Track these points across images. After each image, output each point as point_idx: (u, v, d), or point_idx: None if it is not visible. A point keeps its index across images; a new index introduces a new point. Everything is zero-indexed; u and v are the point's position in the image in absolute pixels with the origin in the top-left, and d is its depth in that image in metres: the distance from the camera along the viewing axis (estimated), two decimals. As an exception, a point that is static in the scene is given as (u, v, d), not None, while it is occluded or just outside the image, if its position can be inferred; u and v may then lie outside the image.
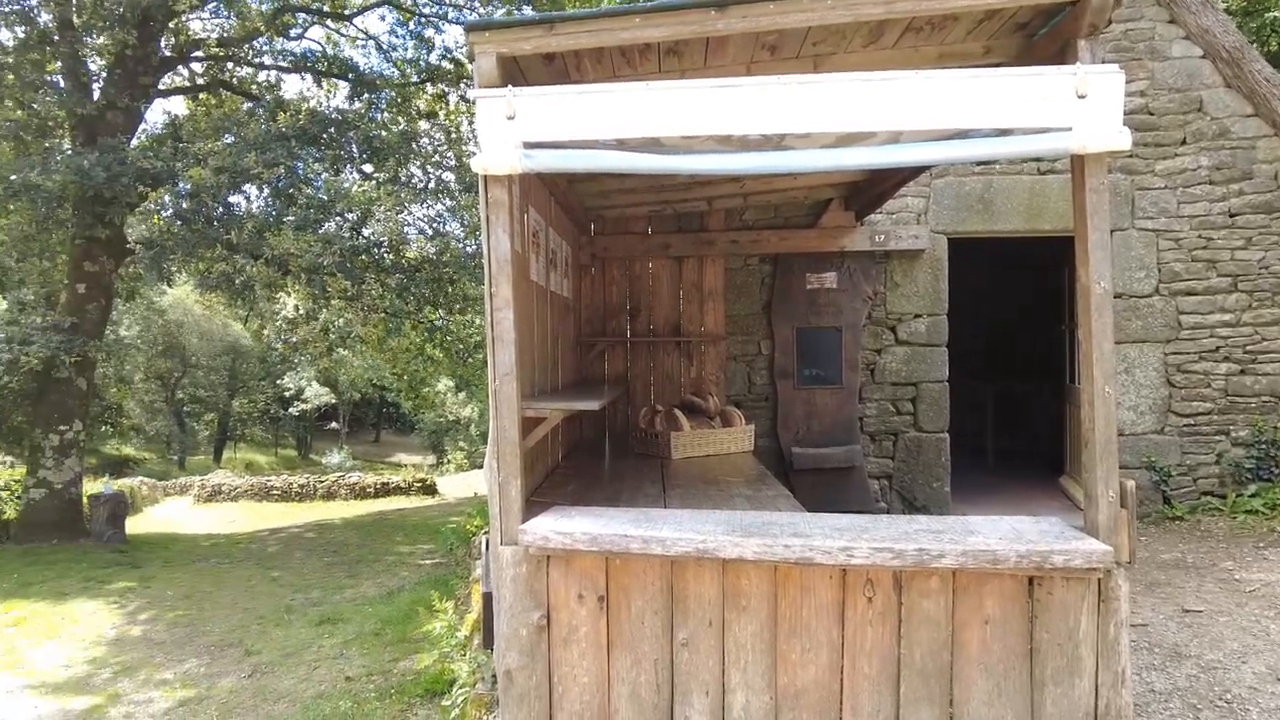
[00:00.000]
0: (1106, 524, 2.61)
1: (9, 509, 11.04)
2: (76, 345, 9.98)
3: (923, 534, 2.66)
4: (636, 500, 3.74)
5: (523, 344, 3.77)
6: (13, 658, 5.71)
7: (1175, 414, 6.77)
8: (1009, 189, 6.78)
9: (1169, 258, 6.72)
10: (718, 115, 2.67)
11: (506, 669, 2.87)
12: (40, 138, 10.13)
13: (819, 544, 2.54)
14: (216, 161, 8.79)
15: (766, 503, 3.66)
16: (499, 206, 2.89)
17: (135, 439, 28.04)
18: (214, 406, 31.02)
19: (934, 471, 6.85)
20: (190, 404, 30.68)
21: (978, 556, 2.49)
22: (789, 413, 6.80)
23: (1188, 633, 4.37)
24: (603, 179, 5.10)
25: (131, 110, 10.59)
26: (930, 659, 2.65)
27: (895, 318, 6.88)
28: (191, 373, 29.02)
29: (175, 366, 28.09)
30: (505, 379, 2.90)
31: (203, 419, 32.02)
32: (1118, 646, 2.59)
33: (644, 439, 5.46)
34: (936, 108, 2.56)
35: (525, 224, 3.91)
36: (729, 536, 2.61)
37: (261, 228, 8.86)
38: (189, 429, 31.20)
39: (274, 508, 16.53)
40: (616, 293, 6.76)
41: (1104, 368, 2.63)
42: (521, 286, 3.82)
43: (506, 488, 2.89)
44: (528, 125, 2.78)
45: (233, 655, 5.69)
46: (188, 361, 28.32)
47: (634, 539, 2.64)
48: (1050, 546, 2.51)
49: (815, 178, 5.70)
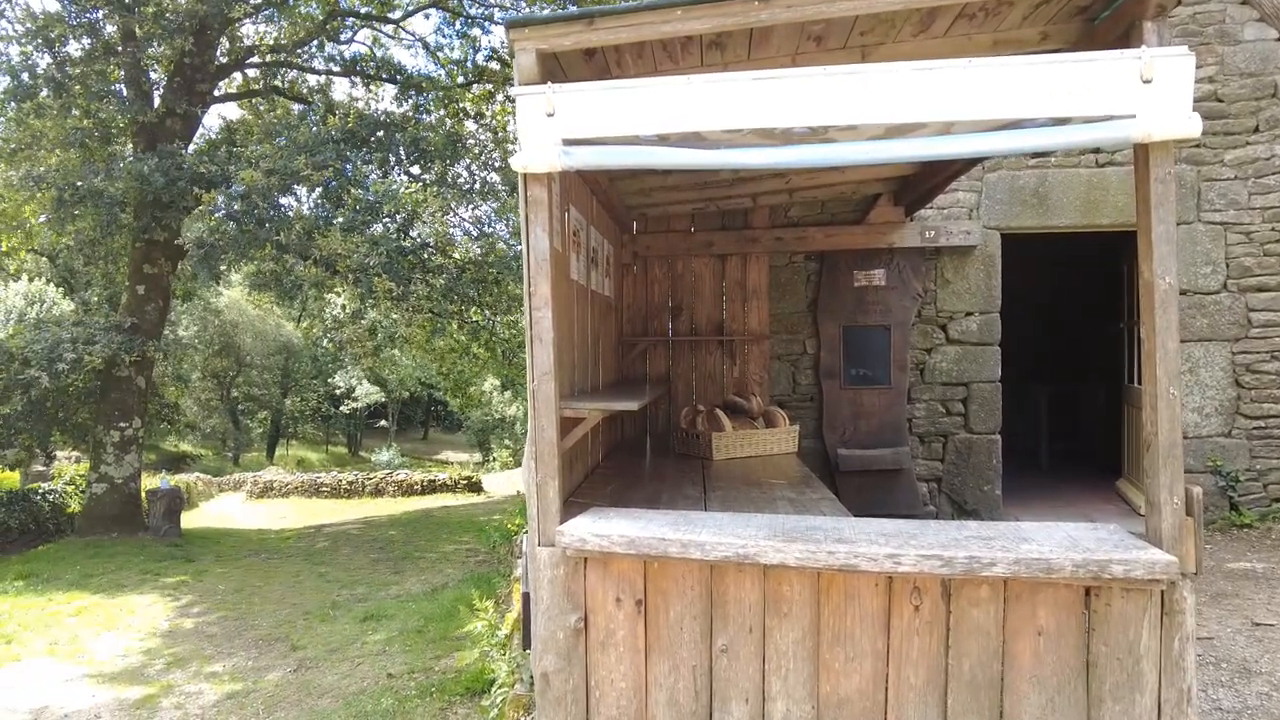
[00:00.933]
0: (1170, 532, 2.47)
1: (74, 503, 11.48)
2: (136, 345, 10.30)
3: (973, 540, 2.55)
4: (676, 502, 3.68)
5: (562, 344, 3.74)
6: (74, 647, 5.88)
7: (1244, 416, 6.45)
8: (1065, 182, 6.54)
9: (1238, 252, 6.41)
10: (760, 108, 2.61)
11: (543, 671, 2.85)
12: (104, 144, 10.47)
13: (864, 550, 2.45)
14: (268, 164, 8.97)
15: (810, 506, 3.57)
16: (538, 205, 2.87)
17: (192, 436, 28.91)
18: (267, 404, 31.85)
19: (985, 474, 6.64)
20: (245, 402, 31.52)
21: (1031, 565, 2.37)
22: (835, 413, 6.66)
23: (1258, 648, 4.14)
24: (644, 176, 5.05)
25: (189, 116, 10.92)
26: (980, 670, 2.55)
27: (946, 316, 6.70)
28: (246, 371, 29.83)
29: (230, 365, 28.89)
30: (544, 378, 2.87)
31: (256, 417, 32.88)
32: (1183, 663, 2.45)
33: (685, 439, 5.40)
34: (990, 97, 2.45)
35: (565, 223, 3.88)
36: (770, 541, 2.54)
37: (310, 228, 9.00)
38: (243, 426, 32.05)
39: (323, 504, 16.87)
40: (659, 291, 6.71)
41: (1168, 368, 2.49)
42: (561, 286, 3.79)
43: (544, 488, 2.86)
44: (567, 122, 2.75)
45: (279, 650, 5.78)
46: (242, 361, 29.10)
47: (672, 543, 2.59)
48: (1109, 556, 2.38)
49: (863, 172, 5.56)
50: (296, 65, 12.78)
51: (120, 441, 10.93)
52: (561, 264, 3.73)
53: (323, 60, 12.79)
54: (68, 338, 9.86)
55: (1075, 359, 10.20)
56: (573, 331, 4.08)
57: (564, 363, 3.79)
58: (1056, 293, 10.08)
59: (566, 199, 3.90)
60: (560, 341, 3.69)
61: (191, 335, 24.34)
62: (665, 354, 6.74)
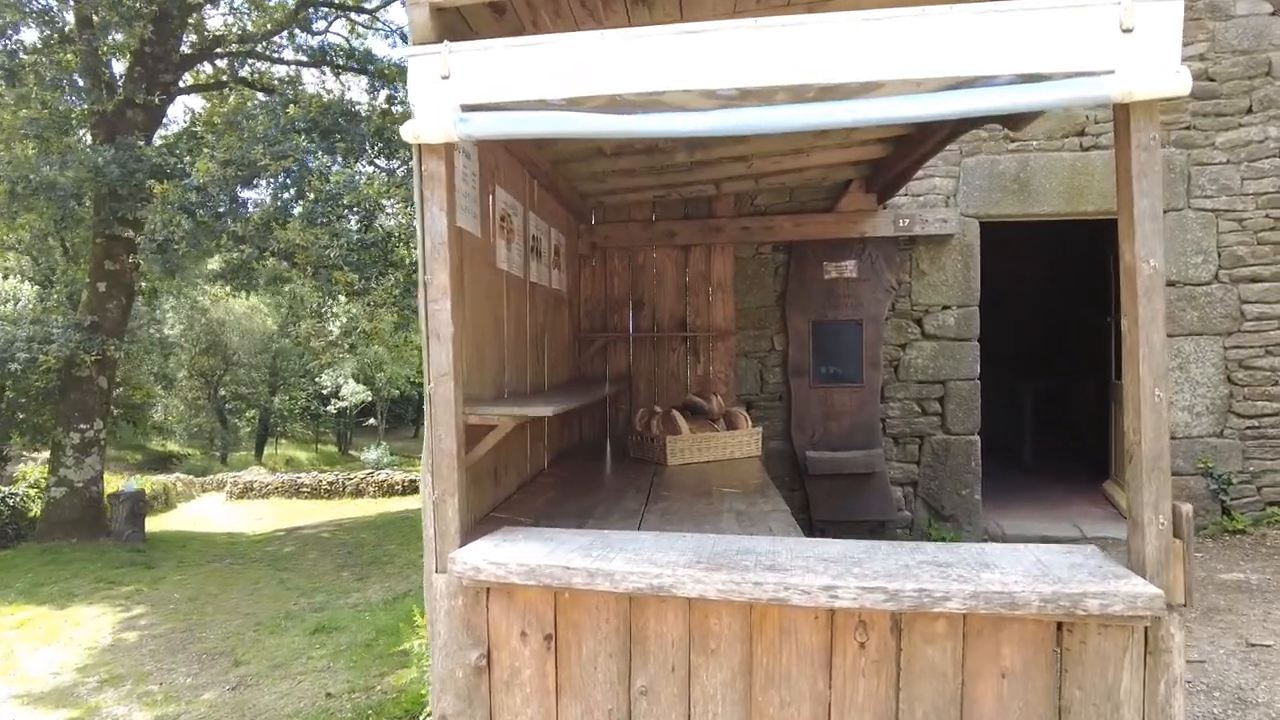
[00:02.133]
0: (1155, 557, 2.12)
1: (36, 507, 11.11)
2: (96, 344, 9.94)
3: (926, 568, 2.20)
4: (611, 516, 3.32)
5: (483, 341, 3.38)
6: (7, 664, 5.67)
7: (1237, 415, 6.10)
8: (1048, 167, 6.18)
9: (1230, 240, 6.05)
10: (683, 67, 2.25)
11: (442, 714, 2.49)
12: (62, 136, 10.12)
13: (796, 581, 2.10)
14: (224, 155, 8.65)
15: (758, 520, 3.21)
16: (435, 180, 2.50)
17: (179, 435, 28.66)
18: (256, 403, 31.46)
19: (963, 478, 6.28)
20: (233, 400, 31.15)
21: (991, 600, 2.02)
22: (804, 414, 6.28)
23: (1254, 672, 3.78)
24: (593, 159, 4.69)
25: (151, 107, 10.55)
26: (935, 715, 2.19)
27: (921, 309, 6.31)
28: (233, 370, 29.44)
29: (218, 364, 28.51)
30: (441, 380, 2.51)
31: (245, 415, 32.51)
32: (1170, 709, 2.10)
33: (640, 443, 5.02)
34: (948, 50, 2.10)
35: (490, 205, 3.52)
36: (690, 570, 2.18)
37: (269, 220, 8.69)
38: (231, 425, 31.69)
39: (303, 505, 16.64)
40: (619, 285, 6.33)
41: (1153, 365, 2.14)
42: (484, 274, 3.43)
43: (442, 507, 2.50)
44: (464, 85, 2.39)
45: (221, 665, 5.55)
46: (230, 359, 28.71)
47: (578, 571, 2.23)
48: (1083, 588, 2.03)
49: (831, 155, 5.18)
50: (263, 56, 12.40)
51: (81, 444, 10.59)
52: (480, 250, 3.36)
53: (293, 51, 12.44)
54: (23, 336, 9.51)
55: (1063, 354, 9.89)
56: (502, 327, 3.70)
57: (486, 362, 3.43)
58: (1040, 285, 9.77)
59: (491, 179, 3.54)
60: (480, 338, 3.34)
61: (178, 334, 24.03)
62: (626, 351, 6.36)
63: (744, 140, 4.67)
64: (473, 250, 3.23)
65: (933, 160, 6.05)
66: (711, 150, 4.71)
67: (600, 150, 4.46)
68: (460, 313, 2.57)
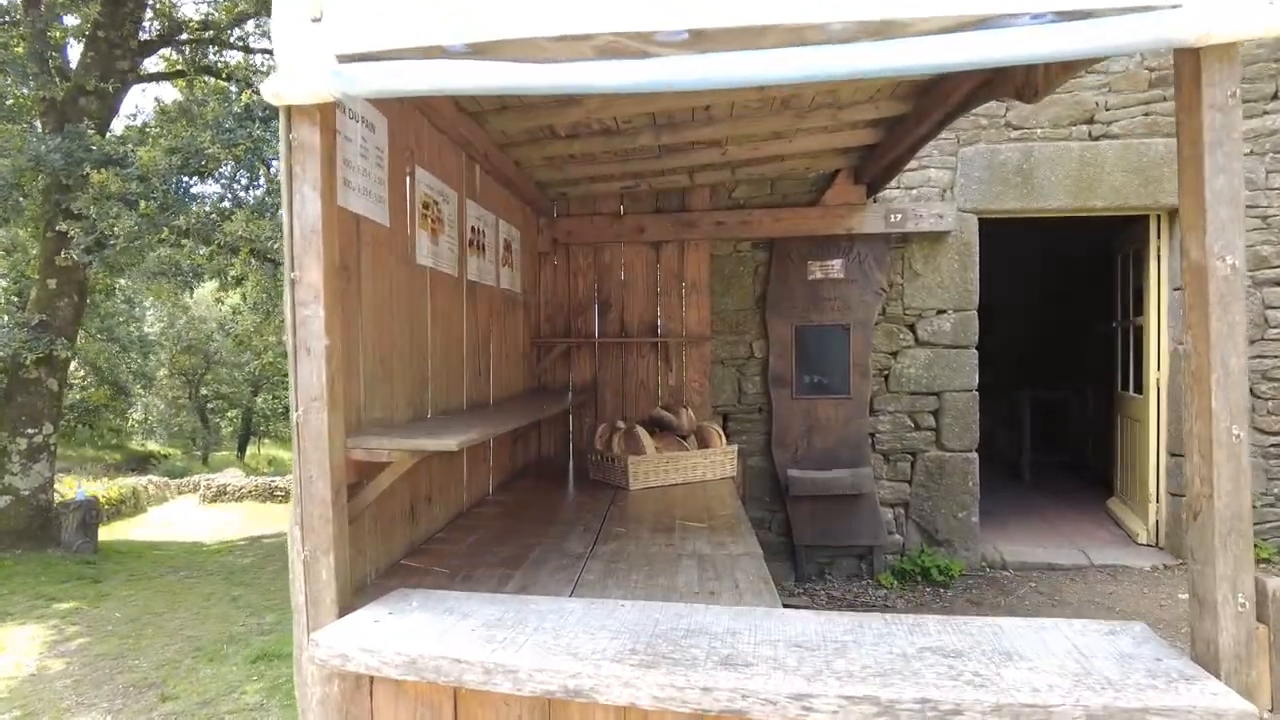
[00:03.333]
0: (1232, 649, 1.60)
1: (-17, 516, 10.51)
2: (43, 344, 9.37)
3: (929, 660, 1.67)
4: (547, 563, 2.76)
5: (388, 352, 2.82)
6: None
7: (1260, 431, 5.58)
8: (1053, 158, 5.66)
9: (1254, 239, 5.53)
10: (613, 6, 1.72)
11: (310, 836, 1.95)
12: (7, 123, 9.54)
13: (757, 686, 1.56)
14: (168, 142, 8.11)
15: (724, 568, 2.67)
16: (307, 151, 1.96)
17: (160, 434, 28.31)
18: (238, 403, 30.92)
19: (959, 499, 5.74)
20: (214, 400, 30.61)
21: (1019, 716, 1.49)
22: (786, 427, 5.74)
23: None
24: (547, 142, 4.12)
25: (106, 95, 10.00)
26: None
27: (915, 314, 5.77)
28: (215, 369, 28.89)
29: (199, 363, 27.96)
30: (312, 406, 1.96)
31: (226, 415, 31.96)
32: None
33: (600, 463, 4.45)
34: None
35: (408, 189, 2.97)
36: (619, 667, 1.64)
37: (216, 210, 8.16)
38: (212, 425, 31.16)
39: (276, 509, 16.15)
40: (583, 285, 5.76)
41: (1231, 397, 1.61)
42: (395, 272, 2.88)
43: (314, 567, 1.96)
44: (342, 30, 1.86)
45: (147, 700, 5.05)
46: (211, 358, 28.17)
47: (471, 666, 1.68)
48: (1143, 699, 1.49)
49: (815, 140, 4.62)
50: (226, 43, 11.84)
51: (28, 449, 10.01)
52: (388, 243, 2.80)
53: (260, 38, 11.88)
54: (-41, 335, 8.94)
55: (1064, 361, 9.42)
56: (424, 335, 3.14)
57: (395, 378, 2.87)
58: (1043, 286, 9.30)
59: (409, 158, 2.99)
60: (386, 350, 2.78)
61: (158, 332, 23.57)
62: (591, 358, 5.80)
63: (718, 122, 4.12)
64: (377, 242, 2.67)
65: (927, 149, 5.54)
66: (681, 132, 4.16)
67: (552, 130, 3.90)
68: (339, 321, 2.03)
